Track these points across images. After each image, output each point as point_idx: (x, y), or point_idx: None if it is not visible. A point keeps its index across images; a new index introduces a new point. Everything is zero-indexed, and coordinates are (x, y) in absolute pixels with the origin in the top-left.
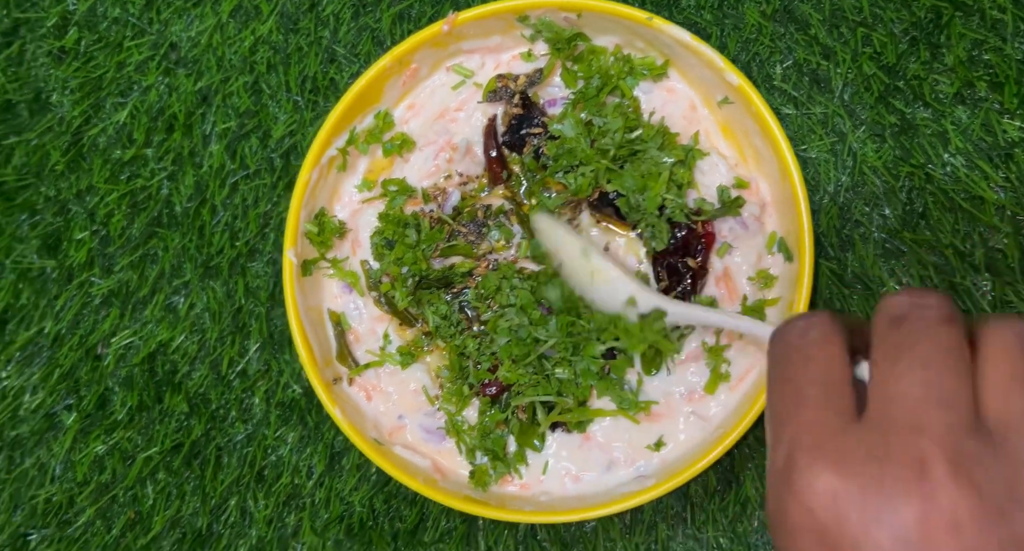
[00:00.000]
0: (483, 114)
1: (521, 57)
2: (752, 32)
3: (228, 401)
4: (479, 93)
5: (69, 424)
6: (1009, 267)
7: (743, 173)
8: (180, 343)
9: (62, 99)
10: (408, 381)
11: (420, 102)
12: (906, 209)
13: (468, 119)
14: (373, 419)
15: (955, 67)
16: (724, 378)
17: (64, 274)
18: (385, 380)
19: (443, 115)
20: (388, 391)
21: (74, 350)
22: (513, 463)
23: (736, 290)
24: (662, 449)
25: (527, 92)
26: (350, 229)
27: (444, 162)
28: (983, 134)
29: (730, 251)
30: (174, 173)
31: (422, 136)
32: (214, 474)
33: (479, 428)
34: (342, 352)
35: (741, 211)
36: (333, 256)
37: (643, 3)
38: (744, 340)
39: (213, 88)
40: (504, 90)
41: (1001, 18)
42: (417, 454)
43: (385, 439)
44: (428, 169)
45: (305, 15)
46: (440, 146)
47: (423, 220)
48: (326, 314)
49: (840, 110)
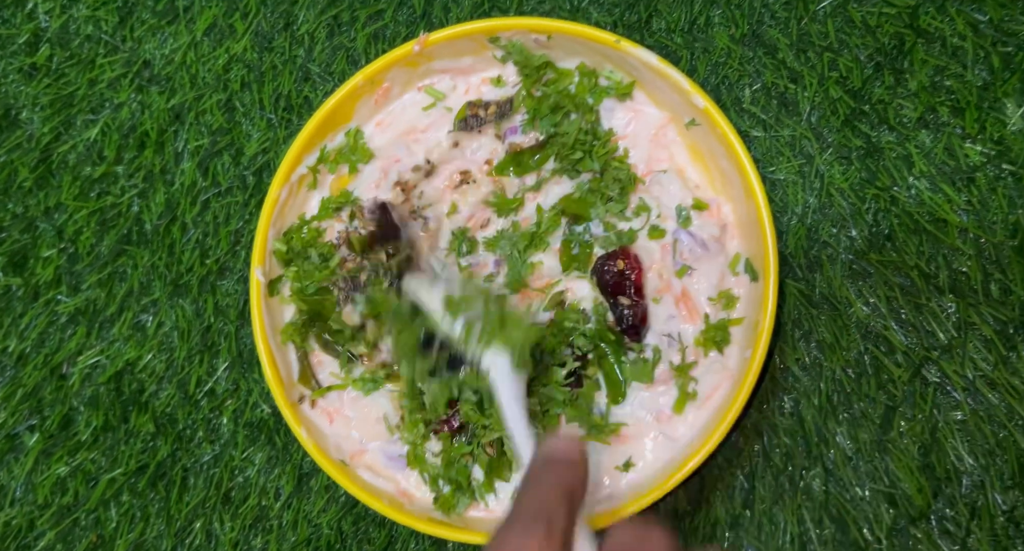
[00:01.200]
0: (447, 140)
1: (491, 82)
2: (721, 56)
3: (195, 421)
4: (449, 115)
5: (31, 445)
6: (972, 289)
7: (705, 195)
8: (148, 362)
9: (32, 116)
10: (371, 407)
11: (389, 120)
12: (872, 231)
13: (432, 140)
14: (335, 442)
15: (918, 92)
16: (692, 397)
17: (30, 292)
18: (348, 405)
19: (409, 133)
20: (349, 416)
21: (38, 369)
22: (480, 492)
23: (696, 310)
24: (630, 470)
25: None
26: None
27: (393, 176)
28: (946, 158)
29: (689, 272)
30: (145, 190)
31: (383, 150)
32: (179, 496)
33: (443, 458)
34: (304, 373)
35: (699, 232)
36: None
37: (615, 26)
38: (709, 359)
39: (186, 105)
40: (474, 119)
41: (961, 46)
42: (381, 477)
43: (349, 461)
44: (374, 180)
45: (280, 34)
46: (392, 161)
47: (315, 250)
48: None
49: (808, 133)
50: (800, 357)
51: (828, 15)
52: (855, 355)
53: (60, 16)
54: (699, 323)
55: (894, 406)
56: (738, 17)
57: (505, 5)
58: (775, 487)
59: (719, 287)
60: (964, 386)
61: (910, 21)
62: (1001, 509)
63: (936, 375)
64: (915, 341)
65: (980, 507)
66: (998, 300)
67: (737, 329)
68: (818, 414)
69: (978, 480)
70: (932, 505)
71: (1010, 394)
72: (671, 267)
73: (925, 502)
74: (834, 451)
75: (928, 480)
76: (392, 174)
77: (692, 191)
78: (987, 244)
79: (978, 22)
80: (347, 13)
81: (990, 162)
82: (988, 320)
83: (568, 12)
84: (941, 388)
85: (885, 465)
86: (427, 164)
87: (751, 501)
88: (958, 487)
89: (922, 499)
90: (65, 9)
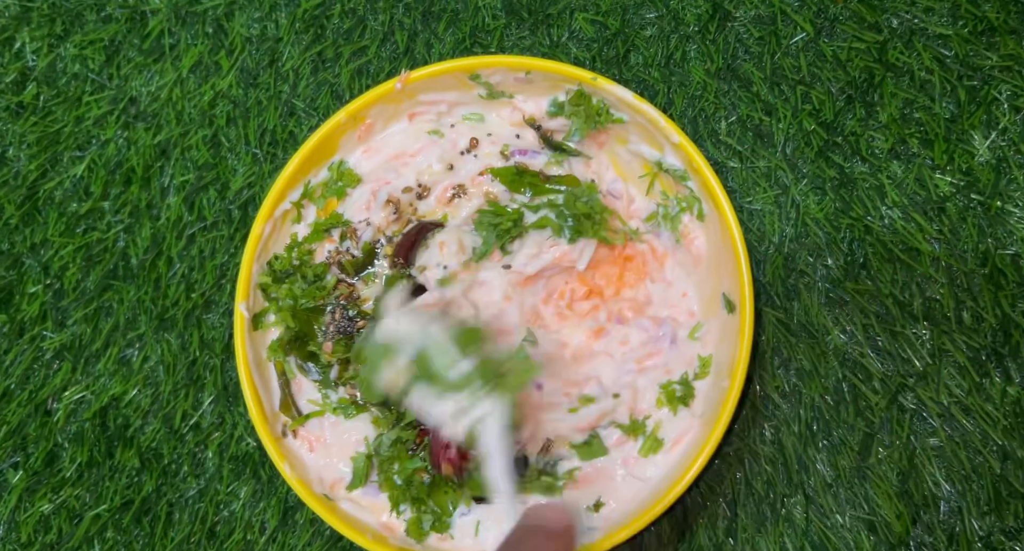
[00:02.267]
0: (440, 161)
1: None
2: (698, 89)
3: (180, 455)
4: (439, 142)
5: (15, 483)
6: (946, 317)
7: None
8: (133, 397)
9: (19, 153)
10: (352, 432)
11: (377, 146)
12: (848, 259)
13: (422, 164)
14: (316, 472)
15: (889, 124)
16: (657, 444)
17: (15, 328)
18: (329, 431)
19: (398, 157)
20: (329, 443)
21: (23, 406)
22: (438, 515)
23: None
24: (602, 509)
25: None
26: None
27: (383, 196)
28: (917, 188)
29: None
30: (131, 225)
31: (371, 174)
32: (164, 531)
33: (401, 475)
34: (285, 402)
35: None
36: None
37: (593, 61)
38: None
39: (172, 141)
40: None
41: (929, 79)
42: (361, 508)
43: (331, 493)
44: (364, 202)
45: (265, 70)
46: (381, 183)
47: (307, 270)
48: (271, 364)
49: (783, 164)
50: (779, 385)
51: (800, 50)
52: (833, 382)
53: (47, 55)
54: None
55: (872, 433)
56: (713, 52)
57: (486, 41)
58: (757, 515)
59: (690, 325)
60: (939, 412)
61: (879, 56)
62: (978, 535)
63: (912, 402)
64: (891, 368)
65: (958, 533)
66: (970, 327)
67: (712, 365)
68: (798, 441)
69: (955, 506)
70: (911, 531)
71: (984, 420)
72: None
73: (904, 528)
74: (814, 478)
75: (907, 506)
76: (382, 194)
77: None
78: (959, 272)
79: (944, 57)
80: (331, 49)
81: (959, 192)
82: (961, 347)
83: (548, 48)
84: (918, 414)
85: (864, 492)
86: (419, 187)
87: (734, 530)
88: (936, 513)
89: (901, 526)
90: (52, 48)
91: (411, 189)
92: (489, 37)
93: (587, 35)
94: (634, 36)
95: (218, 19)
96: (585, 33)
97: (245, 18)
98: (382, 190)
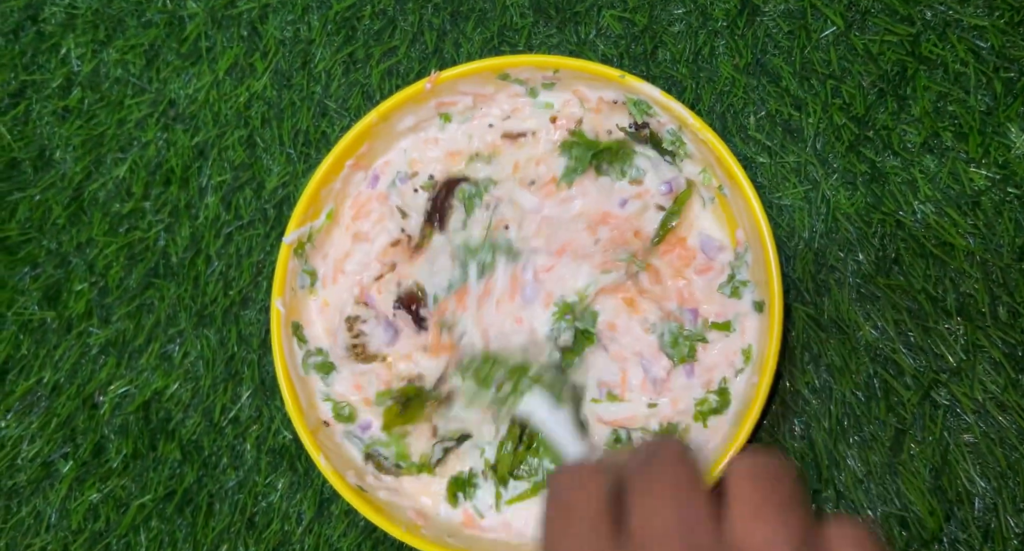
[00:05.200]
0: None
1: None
2: (726, 84)
3: (220, 448)
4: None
5: (65, 472)
6: (980, 312)
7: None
8: (174, 391)
9: (65, 156)
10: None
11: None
12: (879, 255)
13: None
14: (350, 456)
15: (921, 118)
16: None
17: (64, 325)
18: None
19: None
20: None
21: (72, 399)
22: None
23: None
24: None
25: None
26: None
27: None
28: (950, 182)
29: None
30: (171, 225)
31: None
32: (206, 521)
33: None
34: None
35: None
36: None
37: (621, 57)
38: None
39: (209, 142)
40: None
41: (964, 72)
42: (400, 494)
43: (365, 481)
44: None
45: (298, 72)
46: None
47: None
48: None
49: (813, 159)
50: (809, 381)
51: (831, 43)
52: (864, 378)
53: (91, 60)
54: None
55: (904, 429)
56: (742, 46)
57: (514, 40)
58: None
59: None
60: (974, 409)
61: (912, 48)
62: (1015, 532)
63: (946, 398)
64: (924, 364)
65: (993, 530)
66: (1006, 323)
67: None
68: (828, 437)
69: (991, 502)
70: (944, 528)
71: (1021, 416)
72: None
73: (937, 525)
74: (845, 474)
75: (940, 503)
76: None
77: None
78: (994, 267)
79: (980, 48)
80: (362, 50)
81: (995, 186)
82: (997, 343)
83: (575, 45)
84: (951, 410)
85: (896, 487)
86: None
87: None
88: (970, 509)
89: (934, 522)
90: (96, 53)
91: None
92: (517, 35)
93: (614, 32)
94: (662, 32)
95: (252, 22)
96: (613, 30)
97: (279, 21)
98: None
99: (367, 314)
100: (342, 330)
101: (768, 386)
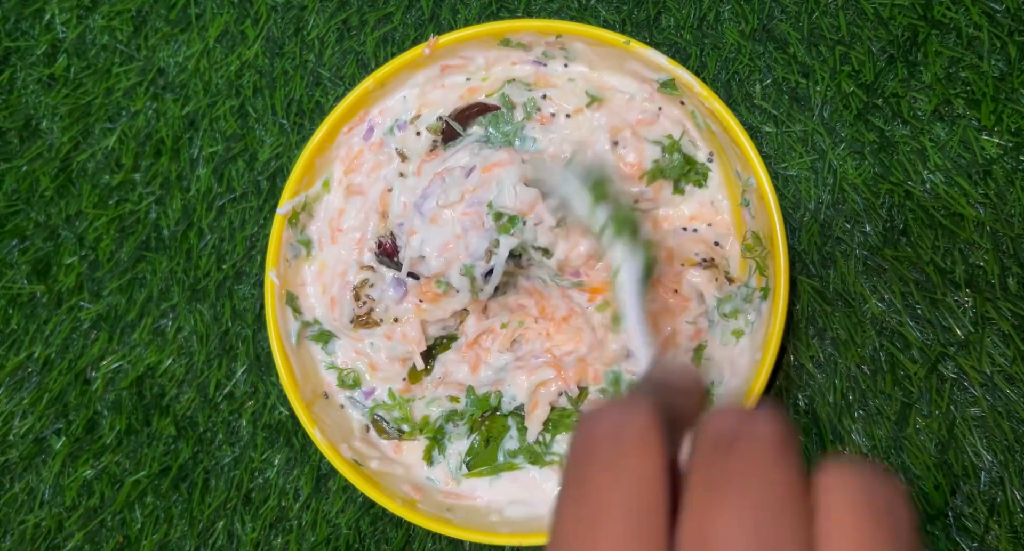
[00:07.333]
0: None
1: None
2: (732, 51)
3: (215, 424)
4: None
5: (58, 448)
6: (989, 283)
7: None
8: (168, 366)
9: (51, 126)
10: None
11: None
12: (887, 226)
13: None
14: (347, 427)
15: (932, 84)
16: None
17: (54, 299)
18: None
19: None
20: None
21: (63, 374)
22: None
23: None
24: None
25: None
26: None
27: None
28: (961, 151)
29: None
30: (162, 197)
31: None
32: (201, 497)
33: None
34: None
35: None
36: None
37: (623, 23)
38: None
39: (200, 112)
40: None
41: (977, 36)
42: (393, 463)
43: (358, 450)
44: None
45: (290, 39)
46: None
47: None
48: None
49: (820, 127)
50: (814, 354)
51: (839, 8)
52: (870, 351)
53: (77, 26)
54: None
55: (910, 403)
56: (747, 12)
57: (513, 5)
58: None
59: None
60: (982, 382)
61: (924, 12)
62: (1021, 505)
63: (953, 371)
64: (931, 337)
65: (999, 504)
66: (1016, 294)
67: (747, 330)
68: (833, 411)
69: (997, 476)
70: (950, 502)
71: None
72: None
73: (943, 499)
74: (850, 448)
75: (945, 477)
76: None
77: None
78: (1004, 237)
79: (994, 11)
80: (356, 17)
81: (1007, 154)
82: (1006, 315)
83: (576, 11)
84: (958, 384)
85: (902, 462)
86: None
87: None
88: (976, 484)
89: (940, 496)
90: (81, 19)
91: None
92: (516, 1)
93: None
94: None
95: None
96: None
97: None
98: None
99: (374, 278)
100: (347, 301)
101: (772, 359)
